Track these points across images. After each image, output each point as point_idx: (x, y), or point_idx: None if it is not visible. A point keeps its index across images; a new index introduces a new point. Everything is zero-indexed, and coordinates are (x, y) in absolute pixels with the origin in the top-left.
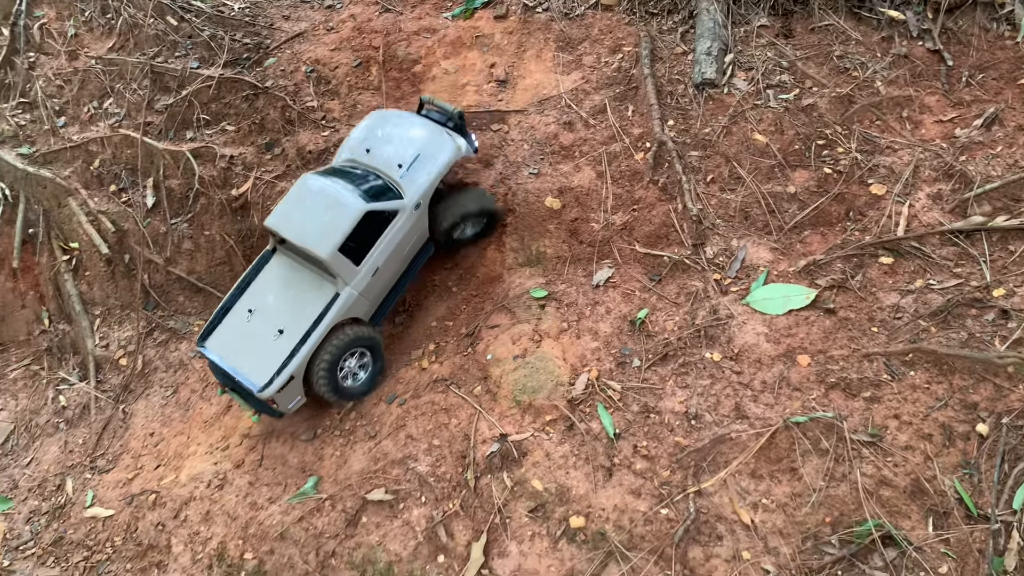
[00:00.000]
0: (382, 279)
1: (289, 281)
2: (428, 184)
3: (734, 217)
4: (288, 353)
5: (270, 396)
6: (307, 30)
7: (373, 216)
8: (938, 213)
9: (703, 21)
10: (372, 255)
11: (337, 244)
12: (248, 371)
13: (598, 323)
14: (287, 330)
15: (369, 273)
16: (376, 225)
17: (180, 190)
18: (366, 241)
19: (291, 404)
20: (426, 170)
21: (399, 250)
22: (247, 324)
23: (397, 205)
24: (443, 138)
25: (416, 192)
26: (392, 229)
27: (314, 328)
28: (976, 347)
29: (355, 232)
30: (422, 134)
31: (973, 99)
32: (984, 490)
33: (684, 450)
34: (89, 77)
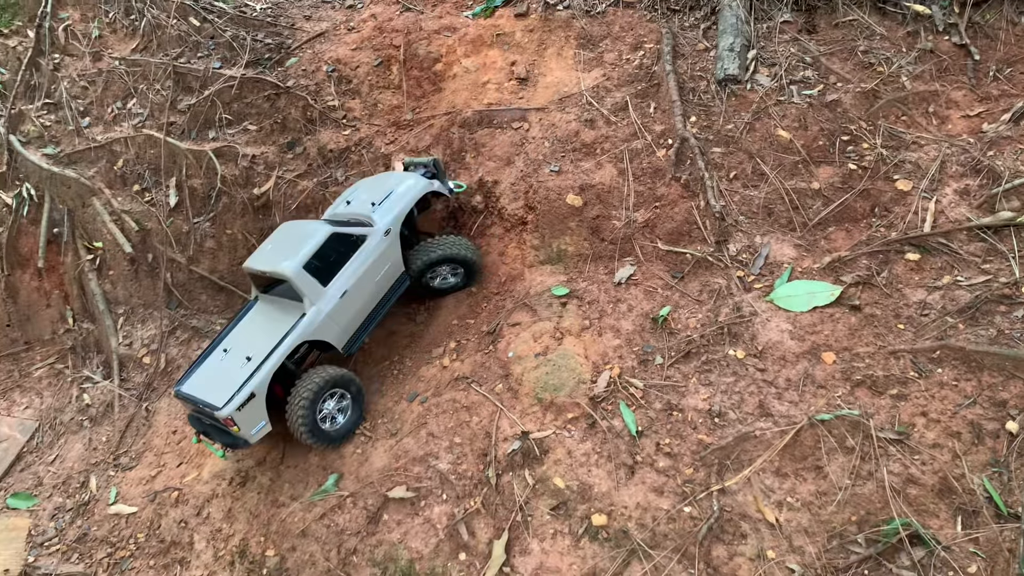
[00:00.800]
0: (353, 304)
1: (262, 319)
2: (398, 211)
3: (757, 214)
4: (251, 372)
5: (228, 415)
6: (328, 30)
7: (340, 238)
8: (965, 209)
9: (725, 17)
10: (340, 276)
11: (302, 262)
12: (212, 398)
13: (620, 321)
14: (254, 355)
15: (337, 294)
16: (345, 248)
17: (202, 189)
18: (334, 262)
19: (254, 429)
20: (396, 201)
21: (370, 276)
22: (221, 363)
23: (365, 230)
24: (416, 178)
25: (385, 218)
26: (362, 254)
27: (277, 346)
28: (1005, 344)
29: (321, 252)
30: (396, 180)
31: (1001, 93)
32: (1014, 489)
33: (707, 448)
34: (113, 78)
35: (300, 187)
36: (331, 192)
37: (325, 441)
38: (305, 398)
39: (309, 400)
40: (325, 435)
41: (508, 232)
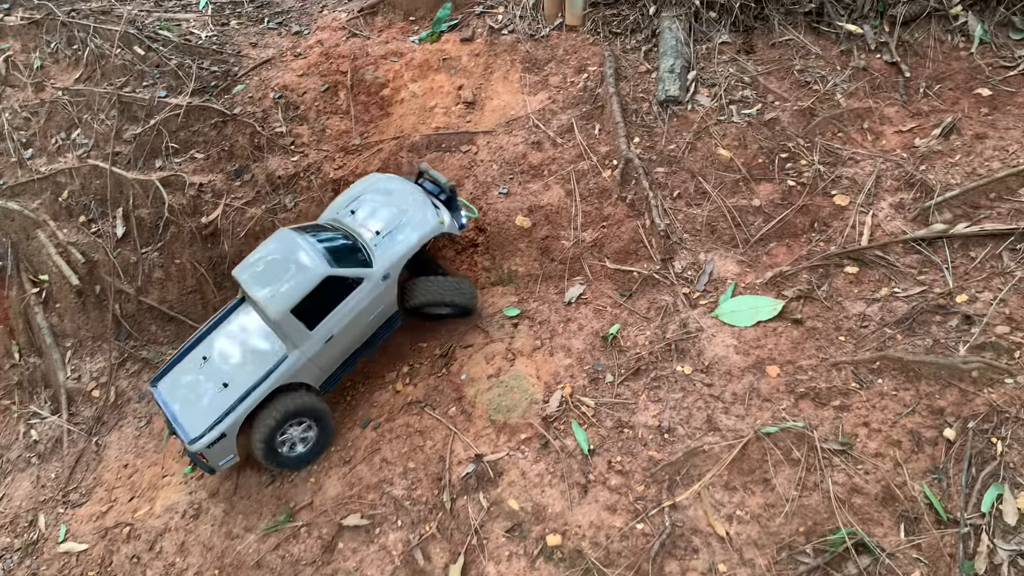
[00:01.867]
0: (337, 347)
1: (248, 332)
2: (399, 256)
3: (701, 231)
4: (224, 410)
5: (199, 451)
6: (275, 56)
7: (335, 281)
8: (901, 222)
9: (666, 40)
10: (328, 321)
11: (289, 306)
12: (185, 421)
13: (571, 340)
14: (231, 384)
15: (322, 340)
16: (337, 290)
17: (150, 219)
18: (324, 306)
19: (222, 462)
20: (401, 241)
21: (359, 319)
22: (198, 370)
23: (363, 273)
24: (427, 211)
25: (386, 262)
26: (355, 297)
27: (255, 388)
28: (941, 353)
29: (312, 295)
30: (407, 204)
31: (931, 109)
32: (953, 494)
33: (658, 464)
34: (56, 108)
35: (248, 214)
36: (280, 219)
37: (283, 467)
38: (268, 425)
39: (270, 428)
40: (283, 460)
41: (459, 254)
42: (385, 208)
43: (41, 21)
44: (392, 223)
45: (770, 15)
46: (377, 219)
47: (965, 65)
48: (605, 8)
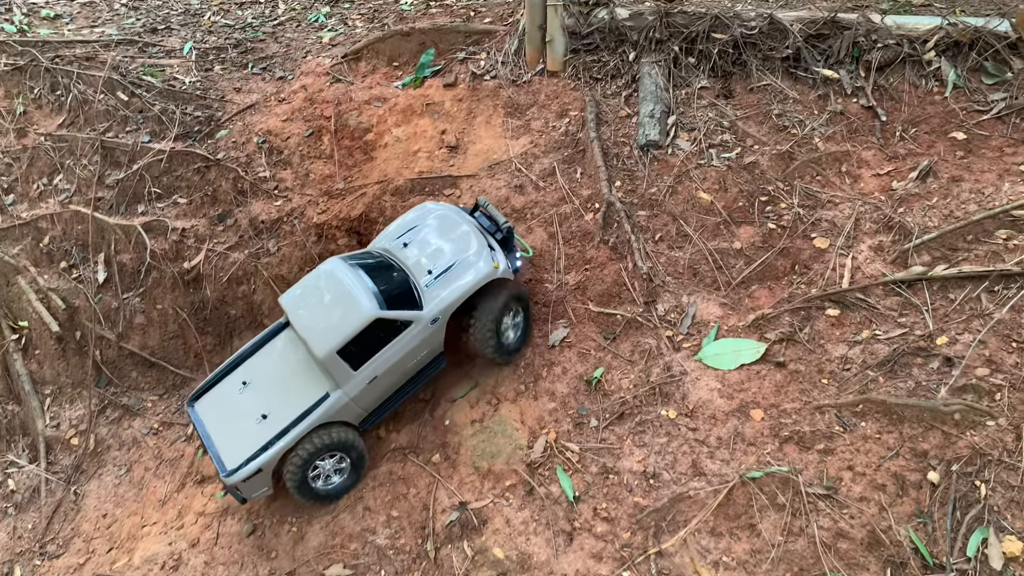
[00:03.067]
0: (379, 388)
1: (290, 362)
2: (451, 301)
3: (683, 274)
4: (262, 445)
5: (234, 484)
6: (258, 101)
7: (383, 323)
8: (880, 264)
9: (645, 85)
10: (373, 363)
11: (336, 347)
12: (222, 450)
13: (555, 384)
14: (270, 417)
15: (366, 380)
16: (385, 332)
17: (132, 264)
18: (370, 347)
19: (255, 493)
20: (454, 285)
21: (404, 361)
22: (238, 395)
23: (412, 316)
24: (483, 252)
25: (437, 307)
26: (401, 340)
27: (295, 425)
28: (923, 395)
29: (359, 336)
30: (463, 242)
31: (908, 152)
32: (939, 539)
33: (644, 510)
34: (39, 154)
35: (231, 259)
36: (263, 263)
37: (313, 500)
38: (300, 457)
39: (303, 460)
40: (314, 493)
41: None
42: (440, 245)
43: (25, 67)
44: (446, 263)
45: (748, 60)
46: (431, 257)
47: (940, 109)
48: (586, 54)
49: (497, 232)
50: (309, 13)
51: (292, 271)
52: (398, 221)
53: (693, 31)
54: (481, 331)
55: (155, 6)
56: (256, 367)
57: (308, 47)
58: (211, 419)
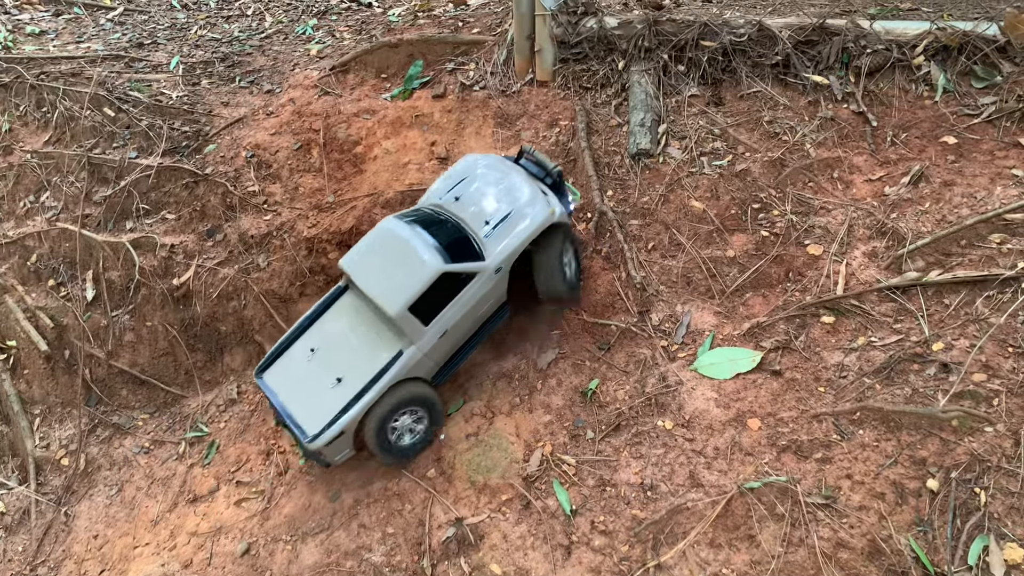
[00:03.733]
0: (449, 341)
1: (356, 324)
2: (513, 249)
3: (677, 283)
4: (342, 407)
5: (318, 448)
6: (247, 115)
7: (450, 276)
8: (874, 270)
9: (635, 93)
10: (442, 316)
11: (407, 303)
12: (300, 417)
13: (550, 396)
14: (345, 380)
15: (437, 334)
16: (451, 285)
17: (120, 282)
18: (438, 301)
19: (339, 456)
20: (514, 233)
21: (471, 313)
22: (307, 363)
23: (476, 267)
24: (537, 198)
25: (499, 256)
26: (467, 292)
27: (372, 384)
28: (920, 402)
29: (428, 292)
30: (516, 190)
31: (899, 157)
32: (939, 547)
33: (642, 523)
34: (25, 171)
35: (221, 275)
36: (253, 278)
37: (395, 456)
38: (379, 416)
39: (381, 419)
40: (395, 450)
41: None
42: (493, 196)
43: (10, 84)
44: (502, 213)
45: (737, 68)
46: (486, 208)
47: (930, 114)
48: (575, 63)
49: (547, 177)
50: (296, 25)
51: (283, 286)
52: (445, 176)
53: (682, 39)
54: (547, 272)
55: (141, 21)
56: (322, 333)
57: (296, 60)
58: (283, 388)
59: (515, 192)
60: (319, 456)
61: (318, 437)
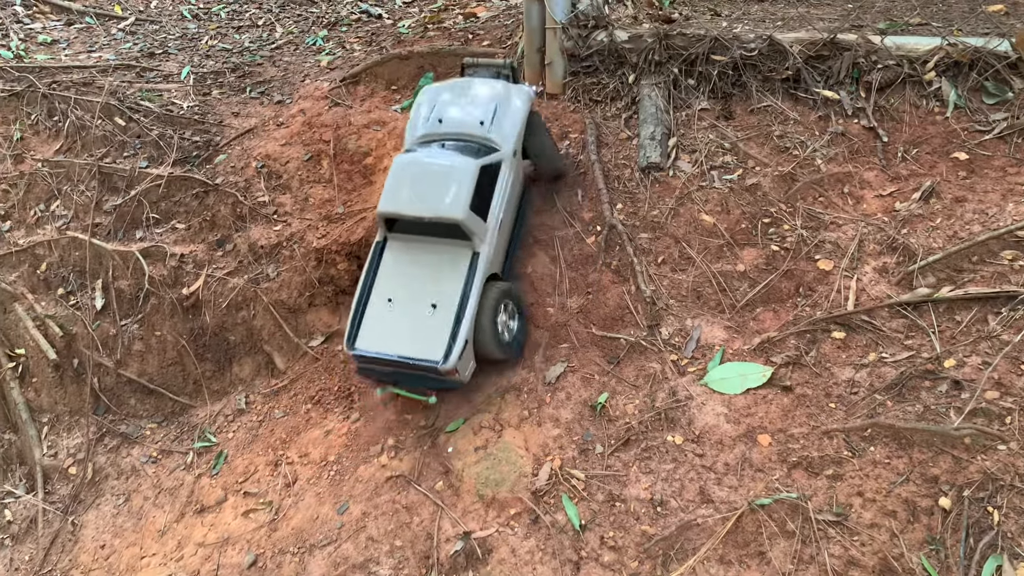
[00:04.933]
0: (504, 231)
1: (416, 262)
2: (518, 130)
3: (687, 297)
4: (453, 321)
5: (453, 367)
6: (257, 126)
7: (486, 170)
8: (885, 286)
9: (645, 107)
10: (494, 208)
11: (467, 204)
12: (420, 351)
13: (559, 409)
14: (440, 302)
15: (496, 226)
16: (489, 178)
17: (130, 291)
18: (486, 196)
19: (467, 370)
20: (510, 119)
21: (511, 199)
22: (391, 313)
23: (499, 156)
24: (508, 86)
25: (509, 140)
26: (502, 179)
27: (468, 290)
28: (932, 420)
29: (476, 189)
30: (486, 90)
31: (910, 173)
32: (952, 566)
33: (651, 539)
34: (35, 180)
35: (231, 285)
36: (262, 288)
37: (513, 350)
38: (488, 318)
39: (491, 320)
40: (509, 346)
41: None
42: (471, 102)
43: (22, 93)
44: (489, 109)
45: (748, 82)
46: (473, 113)
47: (941, 129)
48: (585, 76)
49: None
50: (307, 36)
51: (292, 296)
52: (414, 113)
53: (692, 53)
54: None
55: (152, 31)
56: (388, 284)
57: (306, 71)
58: (384, 343)
59: (487, 91)
60: (453, 379)
61: (448, 357)
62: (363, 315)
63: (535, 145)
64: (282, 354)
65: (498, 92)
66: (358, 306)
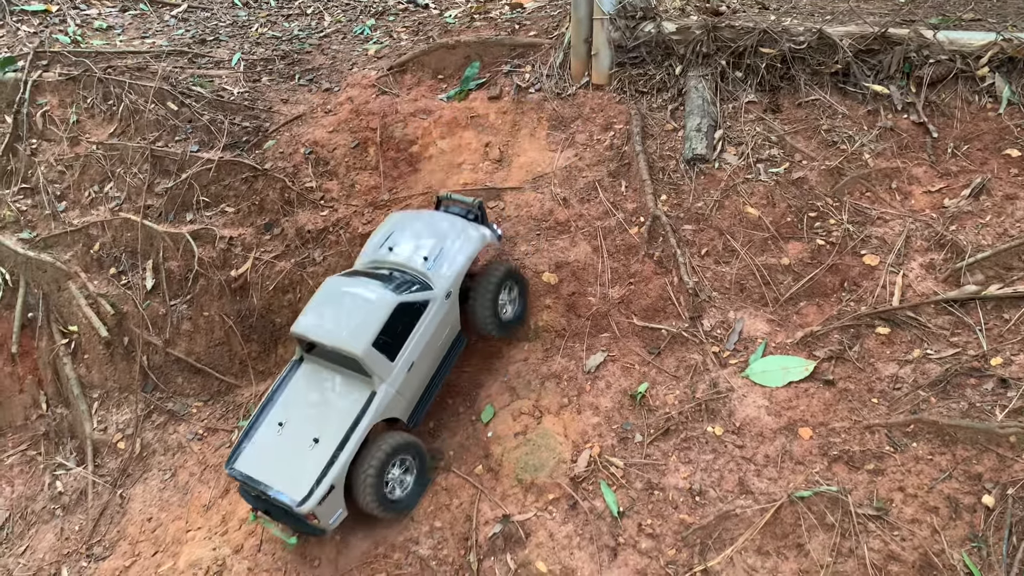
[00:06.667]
0: (418, 374)
1: (320, 388)
2: (457, 272)
3: (730, 290)
4: (326, 462)
5: (310, 511)
6: (305, 113)
7: (405, 308)
8: (932, 283)
9: (692, 98)
10: (406, 349)
11: (371, 340)
12: (283, 486)
13: (598, 398)
14: (323, 438)
15: (404, 368)
16: (408, 317)
17: (179, 272)
18: (399, 335)
19: (332, 519)
20: (453, 259)
21: (433, 342)
22: (278, 438)
23: (428, 296)
24: (466, 227)
25: (445, 281)
26: (425, 320)
27: (352, 432)
28: (977, 417)
29: (388, 326)
30: (444, 227)
31: (960, 169)
32: (993, 564)
33: (689, 528)
34: (90, 162)
35: (278, 268)
36: (308, 272)
37: (398, 510)
38: (371, 474)
39: (375, 475)
40: (396, 504)
41: None
42: (424, 236)
43: (78, 77)
44: (437, 247)
45: (796, 75)
46: (420, 248)
47: (993, 126)
48: (631, 68)
49: (469, 213)
50: (355, 25)
51: None
52: (372, 236)
53: (741, 45)
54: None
55: (204, 18)
56: (285, 407)
57: (354, 59)
58: (258, 469)
59: (443, 227)
60: (312, 523)
61: (308, 499)
62: (250, 434)
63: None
64: None
65: (452, 233)
66: (250, 424)
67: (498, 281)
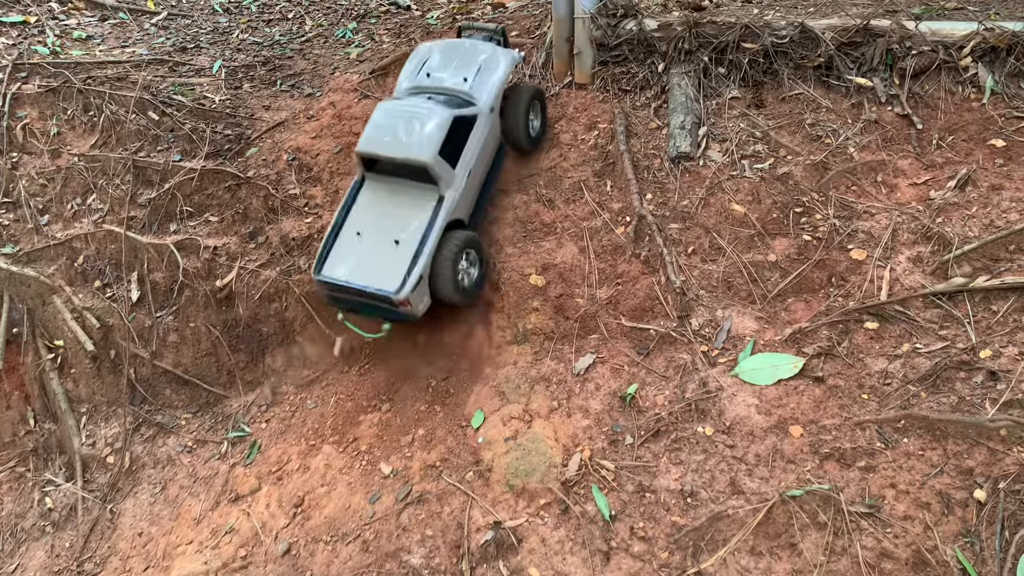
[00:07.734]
0: (474, 181)
1: (388, 198)
2: (497, 89)
3: (717, 288)
4: (411, 256)
5: (406, 297)
6: (288, 119)
7: (459, 121)
8: (919, 276)
9: (675, 96)
10: (464, 157)
11: (436, 149)
12: (377, 282)
13: (588, 400)
14: (403, 239)
15: (464, 174)
16: (463, 129)
17: (164, 283)
18: (456, 146)
19: (422, 304)
20: (491, 78)
21: (484, 152)
22: (360, 245)
23: (475, 111)
24: (496, 50)
25: (488, 98)
26: (476, 132)
27: (429, 231)
28: (967, 411)
29: (447, 137)
30: (475, 51)
31: (945, 161)
32: (987, 559)
33: (682, 529)
34: (72, 174)
35: (263, 277)
36: (294, 280)
37: (469, 296)
38: (448, 263)
39: (452, 265)
40: (468, 291)
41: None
42: (459, 60)
43: (58, 89)
44: (474, 67)
45: (779, 70)
46: (458, 70)
47: (977, 116)
48: (614, 66)
49: (492, 38)
50: (336, 29)
51: None
52: (405, 70)
53: (723, 41)
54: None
55: (184, 25)
56: (359, 219)
57: (336, 63)
58: (347, 271)
59: (476, 52)
60: (405, 310)
61: (403, 287)
62: (332, 246)
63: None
64: (314, 345)
65: (485, 55)
66: (329, 237)
67: (528, 98)
